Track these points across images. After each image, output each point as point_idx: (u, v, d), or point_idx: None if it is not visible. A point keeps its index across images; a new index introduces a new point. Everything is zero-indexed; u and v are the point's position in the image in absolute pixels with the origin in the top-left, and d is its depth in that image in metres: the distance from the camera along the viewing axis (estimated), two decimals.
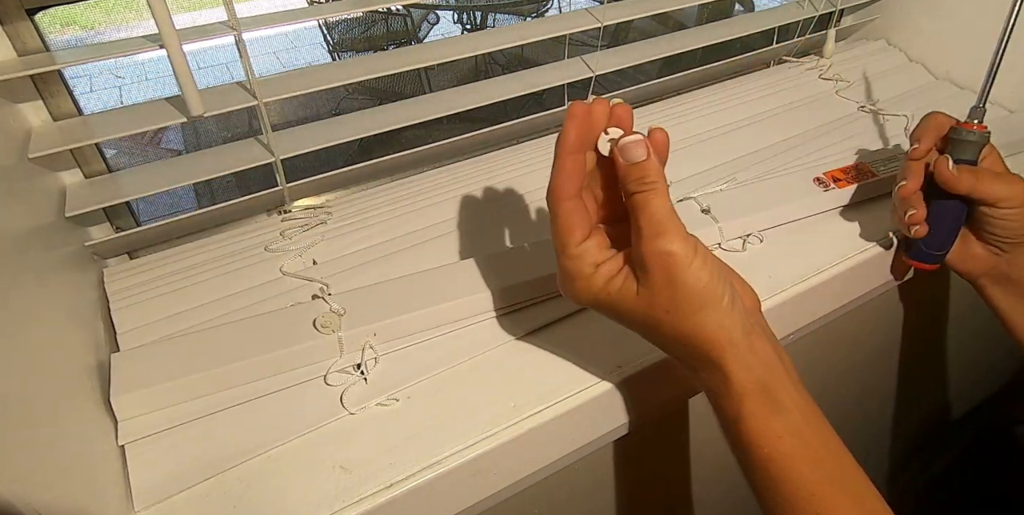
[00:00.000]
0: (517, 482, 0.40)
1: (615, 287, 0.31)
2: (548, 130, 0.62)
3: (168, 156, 2.74)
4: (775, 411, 0.30)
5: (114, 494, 0.32)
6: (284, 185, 0.48)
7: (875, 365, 0.72)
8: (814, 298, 0.47)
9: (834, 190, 0.51)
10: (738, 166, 0.55)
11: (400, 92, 2.54)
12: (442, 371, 0.40)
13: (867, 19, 0.74)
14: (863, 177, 0.52)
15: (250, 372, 0.38)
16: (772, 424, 0.30)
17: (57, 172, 0.44)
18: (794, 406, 0.30)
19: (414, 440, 0.36)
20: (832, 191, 0.50)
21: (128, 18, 4.40)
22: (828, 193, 0.50)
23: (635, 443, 0.49)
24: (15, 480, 0.25)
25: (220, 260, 0.46)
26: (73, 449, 0.31)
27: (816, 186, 0.51)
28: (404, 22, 2.85)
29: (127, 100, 3.60)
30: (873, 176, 0.52)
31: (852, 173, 0.52)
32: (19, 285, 0.32)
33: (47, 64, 0.38)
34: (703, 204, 0.48)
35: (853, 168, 0.53)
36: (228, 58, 3.86)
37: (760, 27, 0.64)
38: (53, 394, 0.31)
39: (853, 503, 0.30)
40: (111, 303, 0.43)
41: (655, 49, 0.60)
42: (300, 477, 0.34)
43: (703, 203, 0.49)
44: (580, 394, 0.39)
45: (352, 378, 0.39)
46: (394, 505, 0.34)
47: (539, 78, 0.56)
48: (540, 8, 3.00)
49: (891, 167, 0.53)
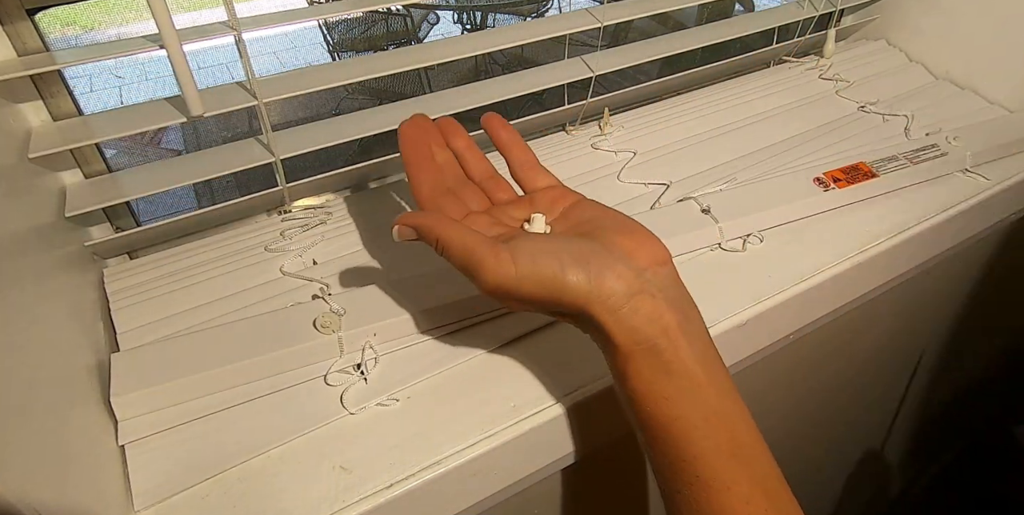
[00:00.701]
0: (517, 482, 0.40)
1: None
2: (548, 130, 0.62)
3: (168, 156, 2.74)
4: (663, 373, 0.30)
5: (114, 494, 0.32)
6: (284, 185, 0.48)
7: (875, 365, 0.72)
8: (814, 298, 0.47)
9: (834, 190, 0.51)
10: (738, 166, 0.55)
11: (400, 92, 2.54)
12: (442, 371, 0.40)
13: (867, 19, 0.74)
14: (863, 177, 0.52)
15: (250, 372, 0.38)
16: (658, 386, 0.30)
17: (57, 172, 0.44)
18: (684, 370, 0.30)
19: (414, 440, 0.36)
20: (832, 191, 0.50)
21: (128, 18, 4.40)
22: (828, 193, 0.50)
23: (633, 443, 0.49)
24: (15, 480, 0.25)
25: (220, 260, 0.46)
26: (73, 449, 0.31)
27: (816, 186, 0.51)
28: (404, 22, 2.85)
29: (127, 100, 3.60)
30: (873, 176, 0.52)
31: (852, 173, 0.52)
32: (19, 285, 0.32)
33: (47, 64, 0.38)
34: (703, 204, 0.48)
35: (853, 168, 0.53)
36: (228, 58, 3.86)
37: (760, 27, 0.64)
38: (53, 394, 0.31)
39: (742, 469, 0.30)
40: (111, 303, 0.43)
41: (655, 49, 0.60)
42: (300, 477, 0.34)
43: (703, 203, 0.49)
44: (580, 394, 0.39)
45: (352, 378, 0.39)
46: (394, 505, 0.34)
47: (539, 78, 0.56)
48: (540, 8, 3.00)
49: (891, 167, 0.53)
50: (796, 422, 0.69)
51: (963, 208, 0.52)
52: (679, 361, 0.30)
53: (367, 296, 0.41)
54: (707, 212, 0.48)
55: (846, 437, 0.83)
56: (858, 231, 0.50)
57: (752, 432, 0.31)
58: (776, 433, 0.68)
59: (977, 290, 0.73)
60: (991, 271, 0.70)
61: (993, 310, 0.82)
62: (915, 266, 0.54)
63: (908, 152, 0.55)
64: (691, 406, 0.30)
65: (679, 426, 0.30)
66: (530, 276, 0.30)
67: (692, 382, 0.30)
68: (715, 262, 0.48)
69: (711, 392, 0.30)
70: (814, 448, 0.78)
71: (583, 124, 0.62)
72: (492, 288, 0.31)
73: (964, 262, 0.66)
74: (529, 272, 0.30)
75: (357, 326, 0.39)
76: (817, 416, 0.72)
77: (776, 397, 0.61)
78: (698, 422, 0.30)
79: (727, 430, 0.30)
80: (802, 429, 0.71)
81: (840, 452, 0.85)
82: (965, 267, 0.68)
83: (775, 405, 0.62)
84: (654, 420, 0.30)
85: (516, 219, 0.37)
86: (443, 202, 0.36)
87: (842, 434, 0.81)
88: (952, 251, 0.57)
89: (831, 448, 0.82)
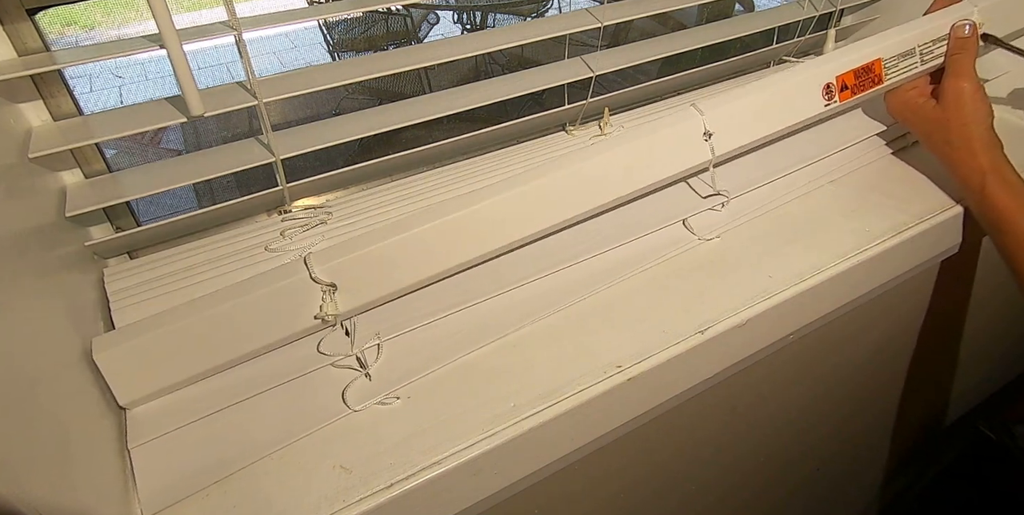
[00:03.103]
0: (517, 482, 0.40)
1: (919, 103, 0.53)
2: (548, 130, 0.62)
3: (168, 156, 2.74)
4: (1010, 192, 0.47)
5: (115, 494, 0.32)
6: (284, 185, 0.48)
7: (875, 365, 0.72)
8: (814, 298, 0.47)
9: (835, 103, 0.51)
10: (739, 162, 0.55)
11: (400, 92, 2.54)
12: (443, 367, 0.40)
13: (867, 19, 0.74)
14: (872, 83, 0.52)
15: (252, 371, 0.38)
16: (1005, 199, 0.47)
17: (57, 172, 0.44)
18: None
19: (414, 440, 0.36)
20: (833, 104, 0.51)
21: (128, 18, 4.40)
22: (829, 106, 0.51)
23: (635, 442, 0.49)
24: (15, 480, 0.25)
25: (220, 260, 0.46)
26: (74, 449, 0.31)
27: (823, 97, 0.51)
28: (404, 22, 2.85)
29: (127, 100, 3.60)
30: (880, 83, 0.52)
31: (864, 76, 0.52)
32: (19, 285, 0.32)
33: (47, 64, 0.38)
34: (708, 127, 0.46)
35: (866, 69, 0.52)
36: (228, 58, 3.86)
37: (760, 27, 0.64)
38: (53, 394, 0.31)
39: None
40: (111, 303, 0.43)
41: (655, 49, 0.60)
42: (300, 477, 0.34)
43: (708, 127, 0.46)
44: (580, 394, 0.39)
45: (354, 375, 0.39)
46: (394, 505, 0.34)
47: (539, 78, 0.56)
48: (540, 8, 3.00)
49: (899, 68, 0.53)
50: (796, 422, 0.69)
51: (960, 210, 0.53)
52: (1020, 183, 0.48)
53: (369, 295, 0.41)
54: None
55: (846, 436, 0.83)
56: (858, 231, 0.50)
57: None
58: (776, 433, 0.68)
59: (978, 290, 0.73)
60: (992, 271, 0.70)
61: (993, 310, 0.82)
62: (915, 266, 0.54)
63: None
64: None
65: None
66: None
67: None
68: (716, 262, 0.48)
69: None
70: (814, 448, 0.78)
71: (583, 124, 0.62)
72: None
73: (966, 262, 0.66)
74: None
75: (359, 323, 0.39)
76: (817, 415, 0.72)
77: (776, 397, 0.61)
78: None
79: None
80: (802, 428, 0.71)
81: (840, 451, 0.85)
82: (966, 267, 0.68)
83: (775, 405, 0.62)
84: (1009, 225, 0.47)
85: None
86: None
87: (842, 433, 0.81)
88: (952, 251, 0.57)
89: (831, 448, 0.82)
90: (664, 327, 0.43)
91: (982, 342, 0.87)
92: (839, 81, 0.51)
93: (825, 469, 0.86)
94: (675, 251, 0.48)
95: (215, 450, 0.35)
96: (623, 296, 0.45)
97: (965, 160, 0.49)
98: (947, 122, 0.50)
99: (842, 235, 0.50)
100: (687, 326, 0.43)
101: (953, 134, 0.50)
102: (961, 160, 0.50)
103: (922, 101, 0.53)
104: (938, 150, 0.52)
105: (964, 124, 0.49)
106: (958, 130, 0.50)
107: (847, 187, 0.55)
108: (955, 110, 0.50)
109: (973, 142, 0.49)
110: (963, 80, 0.50)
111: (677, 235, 0.50)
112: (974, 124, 0.49)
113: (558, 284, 0.45)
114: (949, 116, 0.50)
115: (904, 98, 0.54)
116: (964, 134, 0.49)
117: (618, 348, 0.41)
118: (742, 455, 0.66)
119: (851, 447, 0.88)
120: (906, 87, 0.54)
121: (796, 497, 0.85)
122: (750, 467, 0.70)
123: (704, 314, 0.44)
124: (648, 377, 0.41)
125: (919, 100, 0.53)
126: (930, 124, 0.52)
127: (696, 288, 0.46)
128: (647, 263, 0.47)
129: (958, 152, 0.50)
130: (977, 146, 0.49)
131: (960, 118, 0.49)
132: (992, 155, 0.48)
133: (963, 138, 0.49)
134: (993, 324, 0.86)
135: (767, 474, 0.75)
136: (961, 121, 0.49)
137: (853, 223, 0.51)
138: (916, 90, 0.54)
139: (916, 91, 0.54)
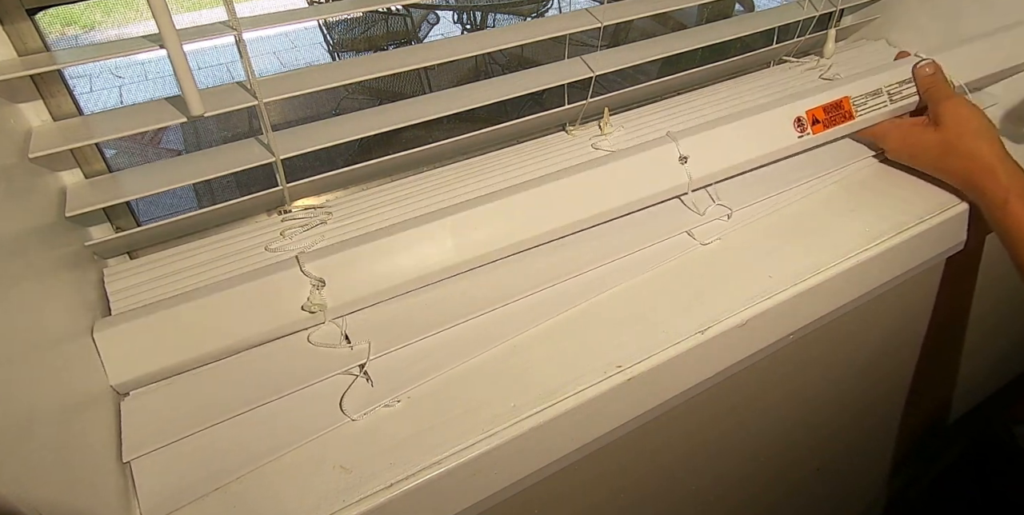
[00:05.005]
0: (517, 482, 0.40)
1: (919, 134, 0.53)
2: (548, 130, 0.62)
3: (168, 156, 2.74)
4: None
5: (116, 494, 0.32)
6: (284, 185, 0.48)
7: (875, 365, 0.72)
8: (814, 298, 0.47)
9: (808, 136, 0.52)
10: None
11: (400, 92, 2.54)
12: (443, 372, 0.40)
13: (867, 19, 0.74)
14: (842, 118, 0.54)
15: (256, 381, 0.38)
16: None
17: (57, 172, 0.44)
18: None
19: (414, 440, 0.36)
20: (806, 137, 0.52)
21: (128, 18, 4.40)
22: (802, 139, 0.52)
23: (635, 442, 0.49)
24: (16, 480, 0.25)
25: (220, 260, 0.46)
26: (75, 450, 0.31)
27: (794, 130, 0.53)
28: (404, 22, 2.85)
29: (127, 100, 3.61)
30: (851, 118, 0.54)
31: (834, 112, 0.54)
32: (19, 285, 0.32)
33: (47, 64, 0.38)
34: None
35: (836, 106, 0.54)
36: (228, 58, 3.86)
37: (760, 27, 0.64)
38: (53, 394, 0.31)
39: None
40: (111, 303, 0.43)
41: (655, 49, 0.60)
42: (300, 477, 0.34)
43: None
44: (580, 394, 0.39)
45: (353, 379, 0.39)
46: (394, 505, 0.34)
47: (539, 78, 0.55)
48: (540, 8, 3.00)
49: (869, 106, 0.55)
50: (796, 421, 0.69)
51: (960, 210, 0.53)
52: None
53: (368, 296, 0.41)
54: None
55: (847, 436, 0.83)
56: (858, 231, 0.50)
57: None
58: (776, 433, 0.68)
59: (982, 287, 0.73)
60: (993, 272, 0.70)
61: (993, 311, 0.82)
62: (919, 264, 0.54)
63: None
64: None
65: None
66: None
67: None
68: (716, 262, 0.48)
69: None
70: (815, 448, 0.78)
71: (583, 124, 0.62)
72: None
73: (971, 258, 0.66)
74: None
75: (360, 331, 0.39)
76: (817, 415, 0.72)
77: (776, 397, 0.61)
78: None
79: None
80: (802, 428, 0.71)
81: (840, 452, 0.85)
82: (971, 263, 0.68)
83: (775, 405, 0.62)
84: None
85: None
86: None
87: (843, 434, 0.81)
88: (958, 248, 0.57)
89: (831, 448, 0.82)
90: (664, 327, 0.43)
91: (984, 340, 0.87)
92: (809, 115, 0.53)
93: (826, 469, 0.86)
94: (676, 253, 0.48)
95: (215, 458, 0.35)
96: (623, 296, 0.45)
97: (983, 176, 0.48)
98: (956, 139, 0.50)
99: (842, 235, 0.50)
100: (687, 326, 0.43)
101: (964, 149, 0.49)
102: (979, 176, 0.49)
103: (920, 130, 0.53)
104: (953, 172, 0.51)
105: (974, 137, 0.49)
106: (969, 143, 0.49)
107: (847, 187, 0.55)
108: (957, 126, 0.50)
109: (989, 157, 0.48)
110: (951, 100, 0.51)
111: (678, 239, 0.50)
112: (983, 139, 0.49)
113: (559, 286, 0.45)
114: (955, 133, 0.50)
115: (901, 134, 0.54)
116: (975, 148, 0.49)
117: (618, 348, 0.41)
118: (743, 455, 0.66)
119: (853, 447, 0.88)
120: (898, 125, 0.55)
121: (796, 497, 0.85)
122: (751, 467, 0.70)
123: (704, 314, 0.44)
124: (648, 377, 0.41)
125: (917, 131, 0.53)
126: (937, 148, 0.51)
127: (696, 288, 0.46)
128: (648, 266, 0.47)
129: (974, 167, 0.49)
130: (994, 162, 0.48)
131: (967, 132, 0.49)
132: (1010, 170, 0.48)
133: (975, 153, 0.49)
134: (994, 322, 0.86)
135: (768, 474, 0.75)
136: (969, 134, 0.49)
137: (853, 223, 0.51)
138: (910, 124, 0.54)
139: (910, 125, 0.54)
